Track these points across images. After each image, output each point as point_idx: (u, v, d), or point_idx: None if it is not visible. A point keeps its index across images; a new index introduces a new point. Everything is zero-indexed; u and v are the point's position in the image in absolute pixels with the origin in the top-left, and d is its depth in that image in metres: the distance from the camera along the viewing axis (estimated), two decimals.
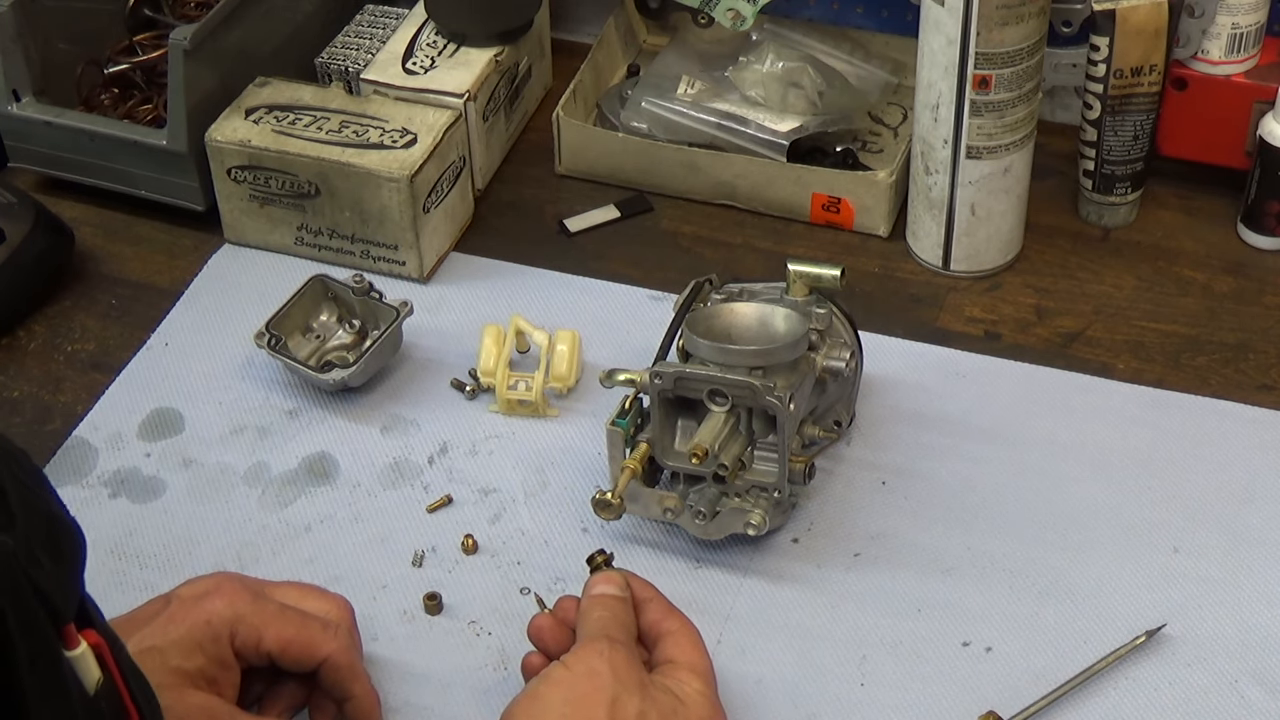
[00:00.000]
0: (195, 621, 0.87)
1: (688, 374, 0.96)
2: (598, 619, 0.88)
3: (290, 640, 0.88)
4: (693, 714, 0.84)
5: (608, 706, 0.82)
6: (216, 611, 0.87)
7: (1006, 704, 0.92)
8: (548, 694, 0.84)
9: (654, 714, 0.83)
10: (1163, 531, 1.02)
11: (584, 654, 0.85)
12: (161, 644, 0.85)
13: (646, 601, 0.91)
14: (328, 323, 1.16)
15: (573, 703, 0.82)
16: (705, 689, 0.86)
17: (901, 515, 1.04)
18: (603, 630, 0.87)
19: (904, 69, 1.33)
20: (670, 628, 0.90)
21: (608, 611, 0.89)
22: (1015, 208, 1.19)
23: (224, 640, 0.87)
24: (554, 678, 0.85)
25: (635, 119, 1.29)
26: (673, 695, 0.85)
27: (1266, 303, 1.18)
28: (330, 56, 1.29)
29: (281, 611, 0.88)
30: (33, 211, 1.21)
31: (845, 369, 1.01)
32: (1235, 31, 1.19)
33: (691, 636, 0.89)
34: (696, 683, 0.86)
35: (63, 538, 0.66)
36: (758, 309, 1.00)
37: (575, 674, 0.84)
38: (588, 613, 0.89)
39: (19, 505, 0.63)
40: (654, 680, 0.85)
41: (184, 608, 0.87)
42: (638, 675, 0.85)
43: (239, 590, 0.89)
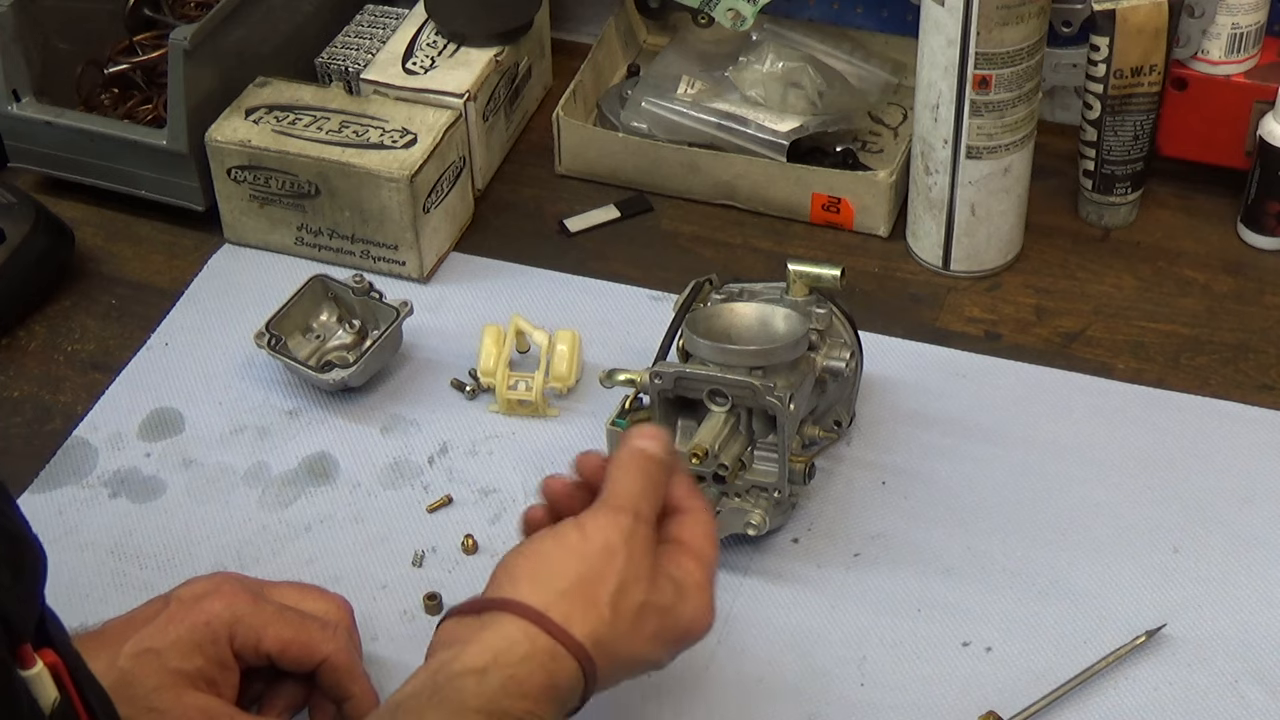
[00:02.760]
0: (194, 623, 0.86)
1: (688, 374, 0.96)
2: (631, 484, 0.83)
3: (289, 641, 0.87)
4: (688, 607, 0.82)
5: (613, 591, 0.80)
6: (215, 613, 0.87)
7: (1006, 704, 0.92)
8: (557, 558, 0.81)
9: (653, 608, 0.81)
10: (1163, 531, 1.02)
11: (605, 524, 0.82)
12: (160, 645, 0.85)
13: (675, 473, 0.87)
14: (328, 323, 1.16)
15: (581, 576, 0.80)
16: (704, 581, 0.84)
17: (901, 515, 1.04)
18: (632, 502, 0.83)
19: (904, 69, 1.33)
20: (690, 505, 0.86)
21: (645, 479, 0.84)
22: (1015, 208, 1.19)
23: (223, 641, 0.86)
24: (568, 541, 0.82)
25: (635, 119, 1.29)
26: (675, 585, 0.82)
27: (1266, 303, 1.18)
28: (330, 56, 1.29)
29: (280, 612, 0.88)
30: (33, 211, 1.21)
31: (845, 369, 1.01)
32: (1235, 31, 1.19)
33: (706, 522, 0.86)
34: (699, 573, 0.83)
35: (23, 555, 0.65)
36: (758, 309, 1.00)
37: (590, 544, 0.81)
38: (624, 470, 0.84)
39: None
40: (662, 568, 0.83)
41: (183, 609, 0.87)
42: (650, 562, 0.82)
43: (238, 591, 0.89)
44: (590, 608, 0.79)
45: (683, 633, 0.83)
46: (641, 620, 0.81)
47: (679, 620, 0.82)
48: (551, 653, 0.78)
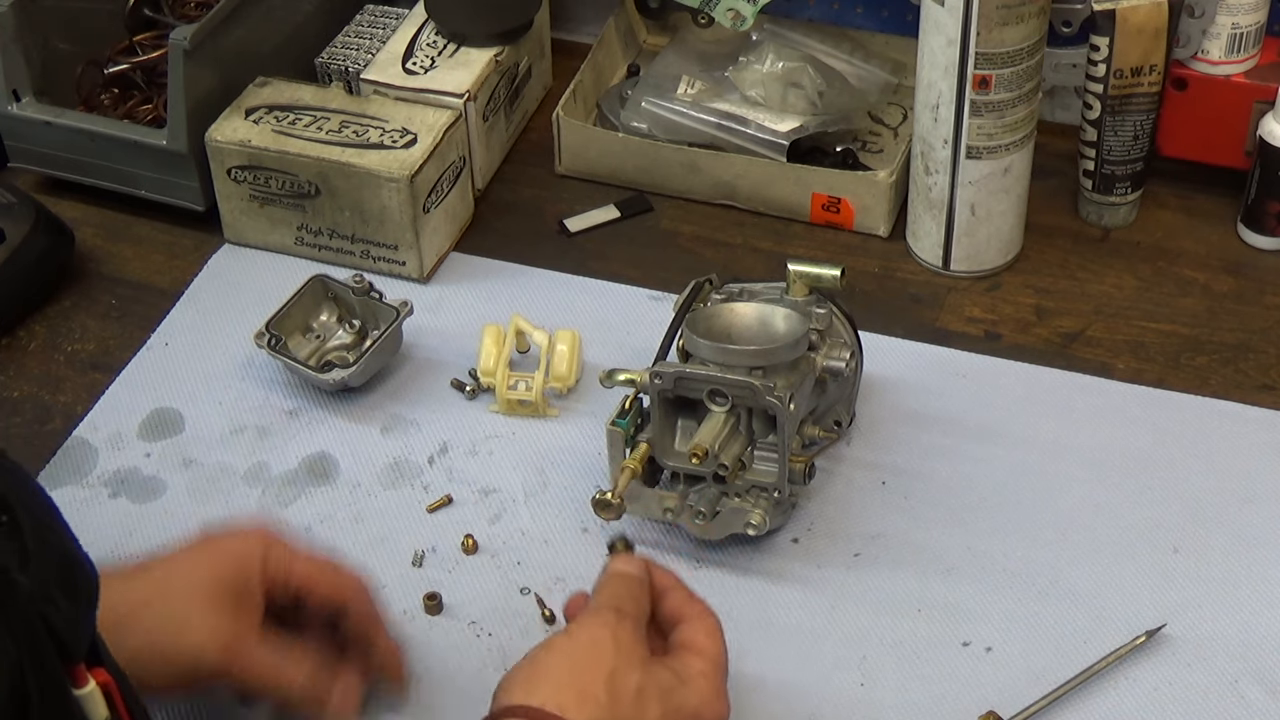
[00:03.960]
0: (227, 548, 0.88)
1: (688, 374, 0.96)
2: (610, 592, 0.87)
3: (318, 578, 0.89)
4: (691, 695, 0.83)
5: (606, 678, 0.81)
6: (250, 539, 0.89)
7: (1006, 704, 0.92)
8: (547, 661, 0.83)
9: (652, 690, 0.82)
10: (1163, 531, 1.02)
11: (589, 623, 0.84)
12: (190, 567, 0.87)
13: (668, 590, 0.89)
14: (328, 323, 1.16)
15: (571, 671, 0.82)
16: (709, 671, 0.85)
17: (901, 515, 1.04)
18: (612, 602, 0.86)
19: (904, 69, 1.33)
20: (688, 614, 0.88)
21: (622, 587, 0.87)
22: (1015, 208, 1.19)
23: (255, 567, 0.88)
24: (555, 645, 0.84)
25: (635, 119, 1.29)
26: (674, 674, 0.84)
27: (1266, 303, 1.18)
28: (330, 56, 1.29)
29: (311, 552, 0.90)
30: (33, 211, 1.21)
31: (845, 369, 1.01)
32: (1235, 31, 1.19)
33: (707, 623, 0.88)
34: (701, 664, 0.85)
35: (77, 576, 0.66)
36: (758, 309, 1.00)
37: (576, 642, 0.83)
38: (601, 587, 0.88)
39: (34, 542, 0.63)
40: (657, 659, 0.84)
41: (215, 536, 0.89)
42: (641, 651, 0.84)
43: (270, 530, 0.90)
44: (585, 696, 0.80)
45: (693, 717, 0.83)
46: (642, 703, 0.81)
47: (685, 703, 0.83)
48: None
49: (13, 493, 0.64)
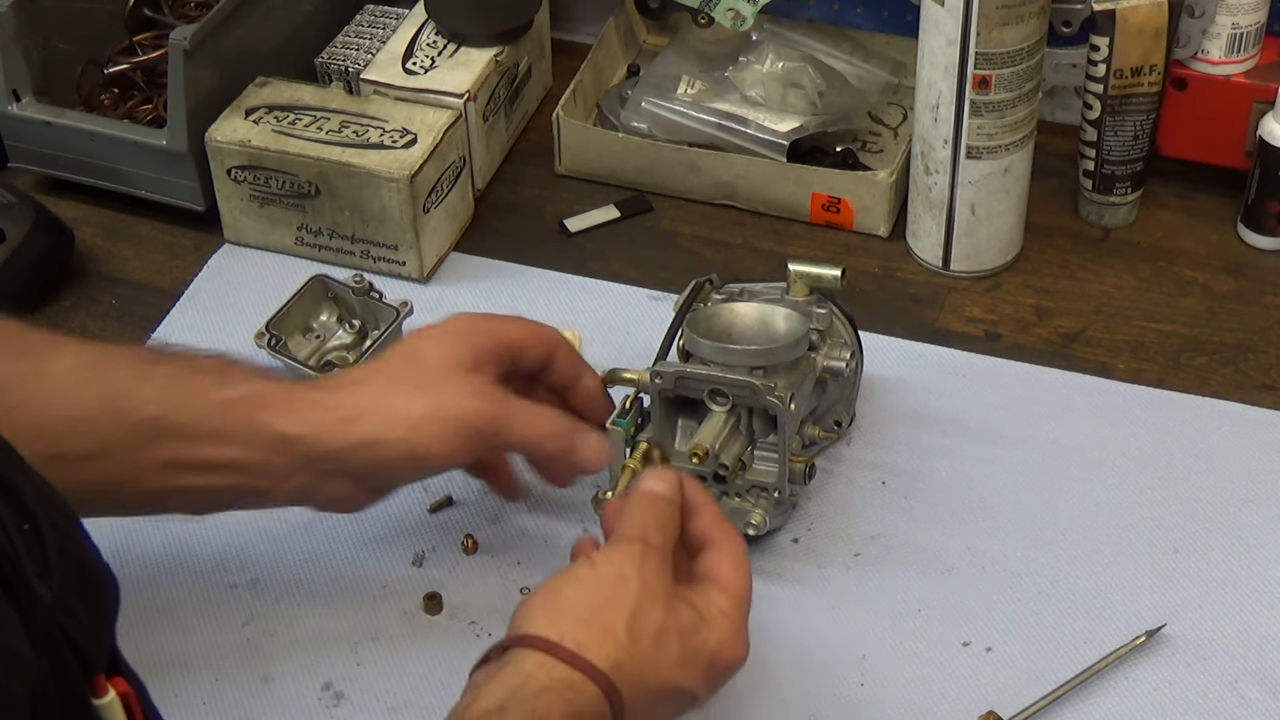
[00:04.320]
0: (450, 324, 0.95)
1: (688, 374, 0.96)
2: (638, 520, 0.85)
3: (531, 335, 0.97)
4: (712, 635, 0.82)
5: (628, 617, 0.79)
6: (464, 316, 0.96)
7: (1006, 704, 0.92)
8: (570, 593, 0.81)
9: (673, 630, 0.80)
10: (1163, 531, 1.02)
11: (615, 555, 0.83)
12: (427, 344, 0.93)
13: (698, 507, 0.87)
14: (328, 323, 1.16)
15: (593, 605, 0.80)
16: (731, 609, 0.83)
17: (901, 515, 1.04)
18: (641, 533, 0.84)
19: (904, 69, 1.33)
20: (716, 538, 0.86)
21: (651, 513, 0.85)
22: (1015, 208, 1.19)
23: (477, 334, 0.94)
24: (579, 576, 0.82)
25: (635, 119, 1.29)
26: (696, 612, 0.82)
27: (1266, 303, 1.19)
28: (330, 56, 1.29)
29: (502, 315, 0.98)
30: (33, 211, 1.21)
31: (845, 369, 1.01)
32: (1235, 31, 1.19)
33: (734, 554, 0.86)
34: (724, 601, 0.83)
35: (97, 586, 0.67)
36: (758, 309, 1.00)
37: (601, 576, 0.81)
38: (630, 509, 0.85)
39: (56, 553, 0.64)
40: (681, 594, 0.83)
41: (431, 325, 0.96)
42: (665, 587, 0.82)
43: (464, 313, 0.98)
44: (606, 634, 0.79)
45: (711, 658, 0.82)
46: (662, 643, 0.80)
47: (705, 645, 0.81)
48: (569, 683, 0.77)
49: (35, 501, 0.64)
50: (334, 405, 0.89)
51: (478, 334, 0.94)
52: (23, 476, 0.64)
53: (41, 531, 0.63)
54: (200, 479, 0.89)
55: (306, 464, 0.89)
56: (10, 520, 0.61)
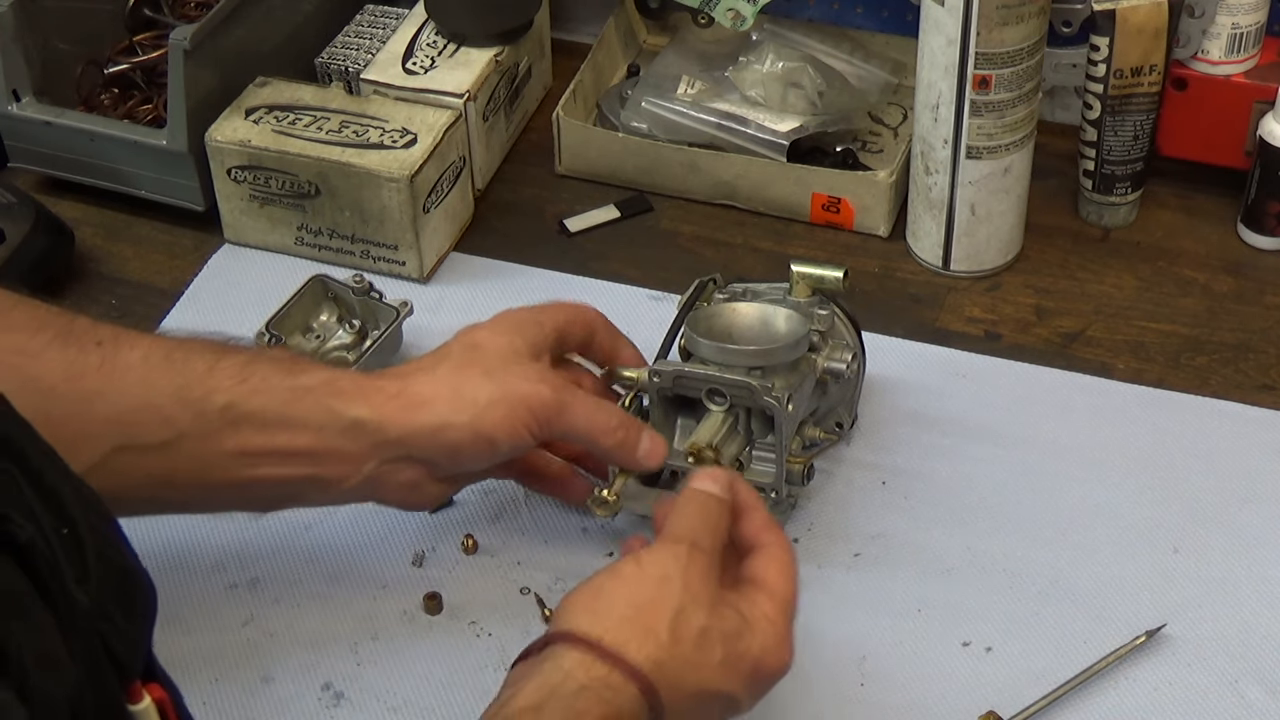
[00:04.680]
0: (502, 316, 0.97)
1: (686, 373, 0.96)
2: (688, 521, 0.84)
3: (569, 310, 0.99)
4: (755, 641, 0.81)
5: (671, 617, 0.79)
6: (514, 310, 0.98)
7: (1006, 704, 0.92)
8: (613, 590, 0.81)
9: (717, 633, 0.80)
10: (1163, 531, 1.02)
11: (661, 555, 0.82)
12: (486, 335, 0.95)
13: (748, 509, 0.87)
14: (328, 323, 1.16)
15: (636, 604, 0.79)
16: (776, 615, 0.82)
17: (901, 515, 1.04)
18: (689, 533, 0.83)
19: (904, 69, 1.33)
20: (765, 542, 0.86)
21: (701, 513, 0.85)
22: (1015, 208, 1.19)
23: (531, 324, 0.97)
24: (623, 574, 0.82)
25: (635, 119, 1.29)
26: (740, 617, 0.81)
27: (1266, 303, 1.19)
28: (330, 56, 1.29)
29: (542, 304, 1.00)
30: (33, 211, 1.21)
31: (846, 371, 1.01)
32: (1235, 31, 1.19)
33: (782, 559, 0.85)
34: (769, 607, 0.82)
35: (135, 592, 0.67)
36: (759, 309, 1.00)
37: (646, 575, 0.81)
38: (681, 508, 0.85)
39: (95, 559, 0.64)
40: (726, 597, 0.82)
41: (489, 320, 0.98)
42: (711, 590, 0.81)
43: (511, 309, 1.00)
44: (647, 633, 0.78)
45: (754, 664, 0.81)
46: (705, 646, 0.79)
47: (748, 650, 0.81)
48: (608, 682, 0.77)
49: (75, 505, 0.64)
50: (401, 392, 0.91)
51: (529, 324, 0.96)
52: (63, 481, 0.64)
53: (80, 536, 0.63)
54: (271, 468, 0.89)
55: (375, 449, 0.90)
56: (49, 525, 0.61)
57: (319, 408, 0.90)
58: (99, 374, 0.87)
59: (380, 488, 0.93)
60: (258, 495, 0.92)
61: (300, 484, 0.91)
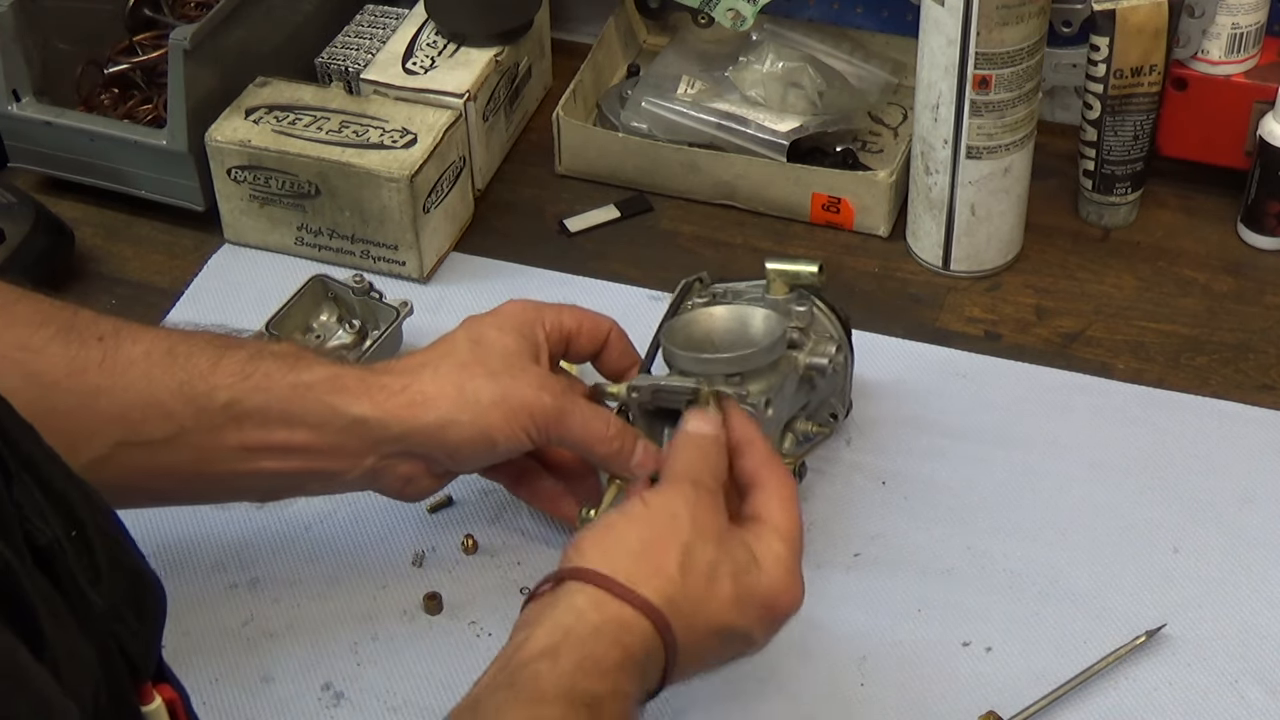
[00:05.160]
0: (508, 313, 0.97)
1: (663, 387, 0.95)
2: (687, 460, 0.86)
3: (583, 317, 0.99)
4: (765, 578, 0.82)
5: (680, 553, 0.80)
6: (524, 309, 0.97)
7: (1006, 704, 0.92)
8: (623, 529, 0.82)
9: (726, 567, 0.81)
10: (1163, 531, 1.02)
11: (667, 494, 0.83)
12: (488, 332, 0.95)
13: (746, 444, 0.88)
14: (328, 323, 1.16)
15: (646, 541, 0.81)
16: (785, 553, 0.83)
17: (901, 515, 1.04)
18: (689, 473, 0.85)
19: (904, 69, 1.33)
20: (765, 478, 0.87)
21: (698, 452, 0.86)
22: (1015, 208, 1.19)
23: (536, 324, 0.96)
24: (632, 513, 0.83)
25: (635, 119, 1.29)
26: (749, 552, 0.82)
27: (1266, 303, 1.19)
28: (330, 56, 1.29)
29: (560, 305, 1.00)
30: (33, 211, 1.21)
31: (830, 365, 1.00)
32: (1235, 31, 1.19)
33: (784, 494, 0.86)
34: (778, 545, 0.83)
35: (145, 594, 0.67)
36: (736, 311, 0.99)
37: (653, 513, 0.82)
38: (678, 451, 0.87)
39: (106, 561, 0.64)
40: (734, 533, 0.83)
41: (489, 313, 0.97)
42: (717, 525, 0.82)
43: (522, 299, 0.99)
44: (658, 569, 0.79)
45: (766, 601, 0.82)
46: (715, 580, 0.80)
47: (758, 585, 0.81)
48: (621, 621, 0.77)
49: (83, 507, 0.64)
50: (404, 389, 0.91)
51: (536, 324, 0.96)
52: (70, 485, 0.64)
53: (90, 539, 0.63)
54: (273, 462, 0.90)
55: (376, 445, 0.91)
56: (60, 528, 0.61)
57: (321, 405, 0.90)
58: (101, 370, 0.87)
59: (378, 479, 0.93)
60: (258, 486, 0.93)
61: (301, 476, 0.92)
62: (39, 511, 0.60)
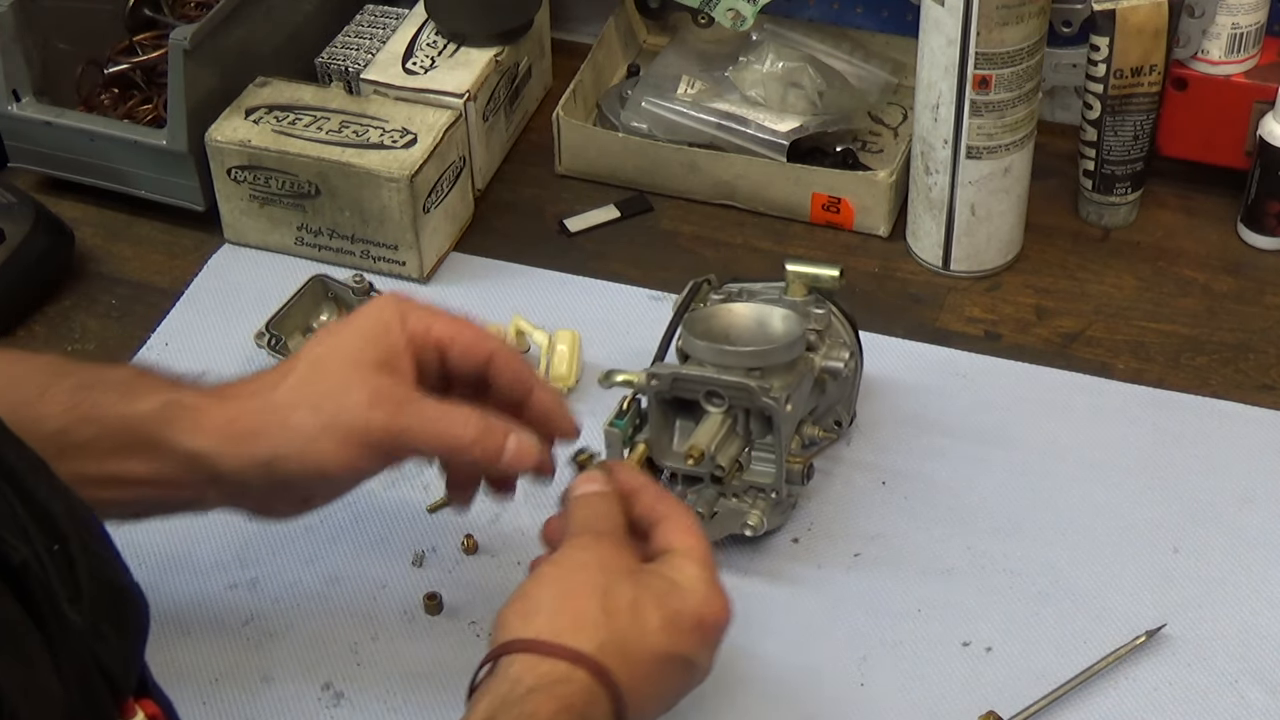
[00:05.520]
0: (365, 315, 0.88)
1: (684, 375, 0.96)
2: (581, 517, 0.86)
3: (459, 330, 0.88)
4: (688, 597, 0.82)
5: (599, 597, 0.80)
6: (383, 306, 0.88)
7: (1006, 704, 0.92)
8: (538, 593, 0.82)
9: (647, 598, 0.81)
10: (1163, 531, 1.02)
11: (569, 550, 0.83)
12: (335, 342, 0.86)
13: (637, 491, 0.88)
14: (328, 323, 1.16)
15: (562, 596, 0.81)
16: (699, 571, 0.83)
17: (901, 515, 1.04)
18: (585, 525, 0.85)
19: (904, 69, 1.33)
20: (663, 512, 0.86)
21: (590, 508, 0.86)
22: (1015, 208, 1.19)
23: (395, 327, 0.87)
24: (543, 575, 0.83)
25: (635, 119, 1.29)
26: (665, 580, 0.82)
27: (1266, 303, 1.19)
28: (330, 56, 1.29)
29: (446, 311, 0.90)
30: (33, 211, 1.21)
31: (844, 369, 1.01)
32: (1235, 31, 1.19)
33: (684, 521, 0.86)
34: (690, 566, 0.83)
35: (127, 610, 0.66)
36: (756, 309, 1.00)
37: (562, 570, 0.82)
38: (572, 513, 0.86)
39: (87, 577, 0.63)
40: (645, 568, 0.83)
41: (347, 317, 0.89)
42: (627, 563, 0.82)
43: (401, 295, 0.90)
44: (580, 618, 0.79)
45: (695, 619, 0.82)
46: (640, 613, 0.80)
47: (685, 607, 0.81)
48: (555, 676, 0.77)
49: (66, 519, 0.63)
50: (233, 419, 0.84)
51: (392, 326, 0.87)
52: (55, 498, 0.64)
53: (72, 554, 0.63)
54: (110, 493, 0.84)
55: (216, 479, 0.85)
56: (41, 543, 0.61)
57: (151, 437, 0.84)
58: None
59: (235, 506, 0.89)
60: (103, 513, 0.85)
61: (146, 504, 0.88)
62: (17, 527, 0.60)
